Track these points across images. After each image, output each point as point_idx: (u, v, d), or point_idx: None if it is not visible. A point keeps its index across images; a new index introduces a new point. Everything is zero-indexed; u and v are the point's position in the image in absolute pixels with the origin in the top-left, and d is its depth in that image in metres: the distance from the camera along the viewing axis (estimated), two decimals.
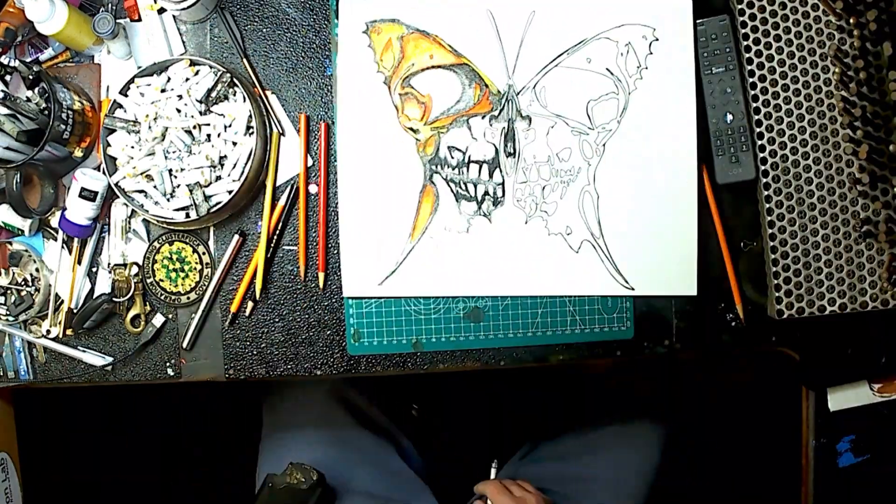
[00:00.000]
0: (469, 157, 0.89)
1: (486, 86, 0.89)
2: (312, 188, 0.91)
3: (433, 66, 0.89)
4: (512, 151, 0.89)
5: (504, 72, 0.89)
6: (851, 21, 0.83)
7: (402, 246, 0.89)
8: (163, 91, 0.88)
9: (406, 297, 0.89)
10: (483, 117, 0.89)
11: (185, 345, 0.91)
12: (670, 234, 0.88)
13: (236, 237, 0.90)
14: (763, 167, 0.87)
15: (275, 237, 0.90)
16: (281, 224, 0.90)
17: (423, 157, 0.89)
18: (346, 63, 0.89)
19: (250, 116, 0.87)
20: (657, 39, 0.88)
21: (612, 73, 0.88)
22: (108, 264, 0.91)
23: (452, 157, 0.89)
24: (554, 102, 0.89)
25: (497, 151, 0.89)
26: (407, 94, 0.89)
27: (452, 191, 0.89)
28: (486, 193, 0.89)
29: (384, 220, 0.89)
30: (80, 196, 0.87)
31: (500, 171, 0.89)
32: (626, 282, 0.88)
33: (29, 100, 0.87)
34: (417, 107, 0.89)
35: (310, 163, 0.91)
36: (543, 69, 0.89)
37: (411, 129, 0.89)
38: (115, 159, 0.88)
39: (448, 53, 0.89)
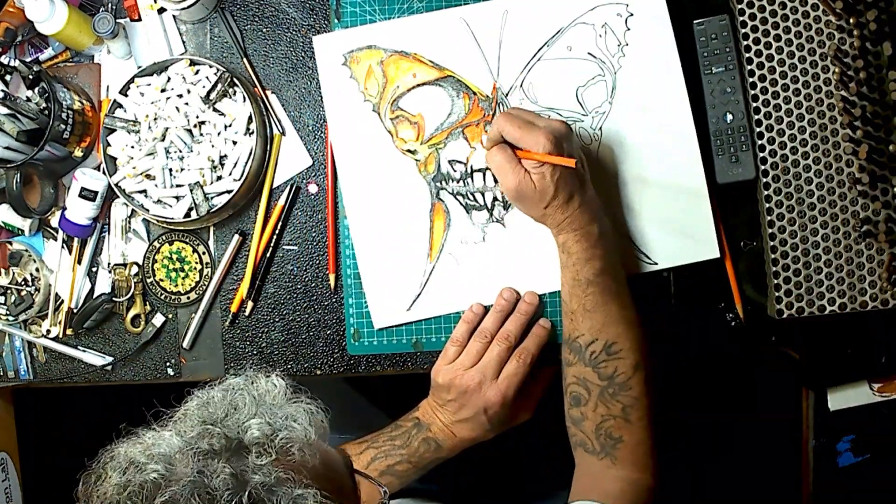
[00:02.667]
0: (471, 167, 0.89)
1: (474, 93, 0.89)
2: (312, 188, 0.91)
3: (418, 85, 0.89)
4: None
5: (489, 76, 0.89)
6: (851, 21, 0.83)
7: (423, 268, 0.89)
8: (163, 91, 0.88)
9: (436, 316, 0.89)
10: (477, 125, 0.89)
11: (185, 345, 0.91)
12: (682, 201, 0.88)
13: (236, 237, 0.90)
14: (763, 167, 0.87)
15: (274, 237, 0.90)
16: (280, 223, 0.90)
17: (425, 176, 0.89)
18: (332, 100, 0.89)
19: (250, 116, 0.87)
20: (632, 14, 0.88)
21: (594, 57, 0.88)
22: (108, 264, 0.91)
23: (455, 171, 0.89)
24: (544, 96, 0.88)
25: None
26: (398, 117, 0.89)
27: (461, 203, 0.89)
28: (495, 199, 0.89)
29: (400, 246, 0.88)
30: (80, 196, 0.87)
31: None
32: (648, 257, 0.88)
33: (29, 100, 0.87)
34: (411, 128, 0.89)
35: (310, 162, 0.91)
36: (527, 65, 0.89)
37: (409, 150, 0.89)
38: (115, 159, 0.88)
39: (431, 69, 0.89)
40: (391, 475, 0.86)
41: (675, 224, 0.88)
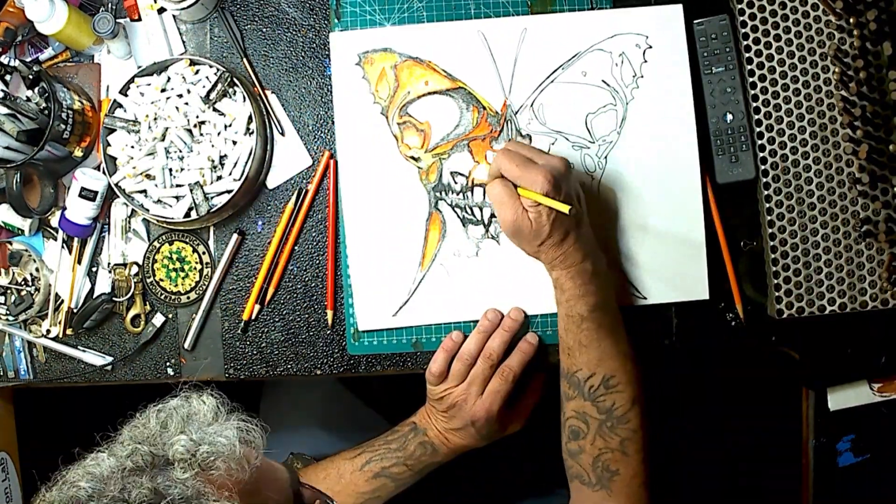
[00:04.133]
0: (472, 181, 0.89)
1: (484, 108, 0.89)
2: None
3: (429, 93, 0.89)
4: None
5: (500, 92, 0.89)
6: (851, 21, 0.83)
7: (413, 275, 0.89)
8: (163, 91, 0.88)
9: (420, 325, 0.89)
10: (484, 139, 0.89)
11: (186, 345, 0.91)
12: (678, 240, 0.88)
13: (235, 236, 0.90)
14: (763, 167, 0.87)
15: (284, 238, 0.90)
16: (290, 226, 0.90)
17: (426, 184, 0.89)
18: (342, 97, 0.89)
19: (250, 116, 0.87)
20: (650, 47, 0.88)
21: (608, 85, 0.88)
22: (108, 264, 0.91)
23: (456, 183, 0.89)
24: (553, 119, 0.88)
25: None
26: (405, 123, 0.89)
27: (459, 216, 0.89)
28: (493, 216, 0.89)
29: (393, 251, 0.88)
30: (80, 196, 0.87)
31: None
32: (638, 291, 0.88)
33: (29, 99, 0.87)
34: (417, 135, 0.89)
35: (310, 162, 0.91)
36: (540, 86, 0.88)
37: (412, 157, 0.89)
38: (115, 159, 0.88)
39: (443, 78, 0.89)
40: (386, 477, 0.87)
41: (670, 264, 0.88)
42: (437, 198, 0.89)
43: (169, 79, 0.88)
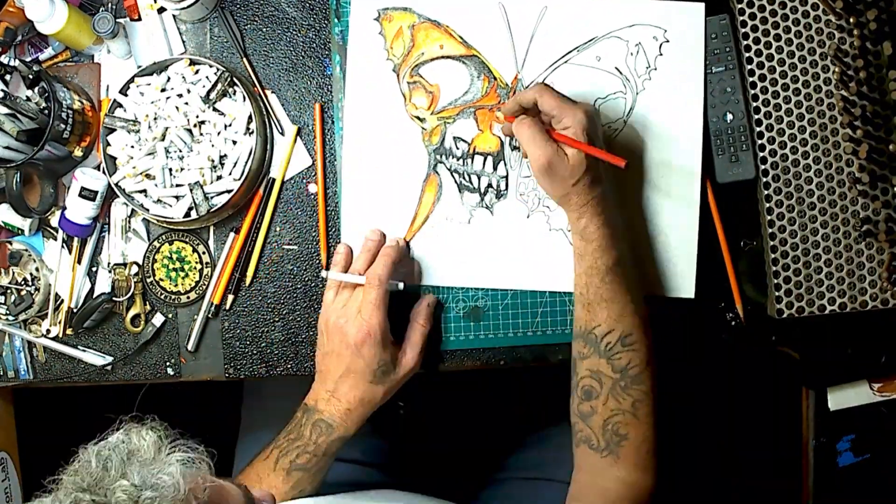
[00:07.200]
0: (474, 149, 0.89)
1: (495, 78, 0.89)
2: (312, 188, 0.91)
3: (443, 57, 0.89)
4: (517, 145, 0.89)
5: (513, 65, 0.89)
6: (851, 21, 0.83)
7: (403, 234, 0.89)
8: (163, 90, 0.88)
9: (409, 285, 0.88)
10: (490, 110, 0.89)
11: (189, 347, 0.91)
12: (671, 237, 0.88)
13: (232, 234, 0.90)
14: (763, 167, 0.87)
15: (253, 229, 0.90)
16: (259, 215, 0.90)
17: (428, 146, 0.89)
18: (356, 50, 0.89)
19: (250, 116, 0.87)
20: (668, 41, 0.88)
21: (620, 73, 0.88)
22: (108, 264, 0.91)
23: (458, 148, 0.89)
24: None
25: (502, 144, 0.89)
26: (415, 83, 0.89)
27: (456, 181, 0.89)
28: (490, 186, 0.89)
29: (386, 207, 0.89)
30: (80, 195, 0.87)
31: (505, 164, 0.89)
32: None
33: (29, 99, 0.87)
34: (425, 96, 0.89)
35: (310, 162, 0.91)
36: (552, 65, 0.89)
37: (418, 117, 0.89)
38: (115, 159, 0.88)
39: (458, 44, 0.89)
40: (298, 470, 0.84)
41: (660, 258, 0.88)
42: (437, 160, 0.89)
43: (169, 78, 0.88)
